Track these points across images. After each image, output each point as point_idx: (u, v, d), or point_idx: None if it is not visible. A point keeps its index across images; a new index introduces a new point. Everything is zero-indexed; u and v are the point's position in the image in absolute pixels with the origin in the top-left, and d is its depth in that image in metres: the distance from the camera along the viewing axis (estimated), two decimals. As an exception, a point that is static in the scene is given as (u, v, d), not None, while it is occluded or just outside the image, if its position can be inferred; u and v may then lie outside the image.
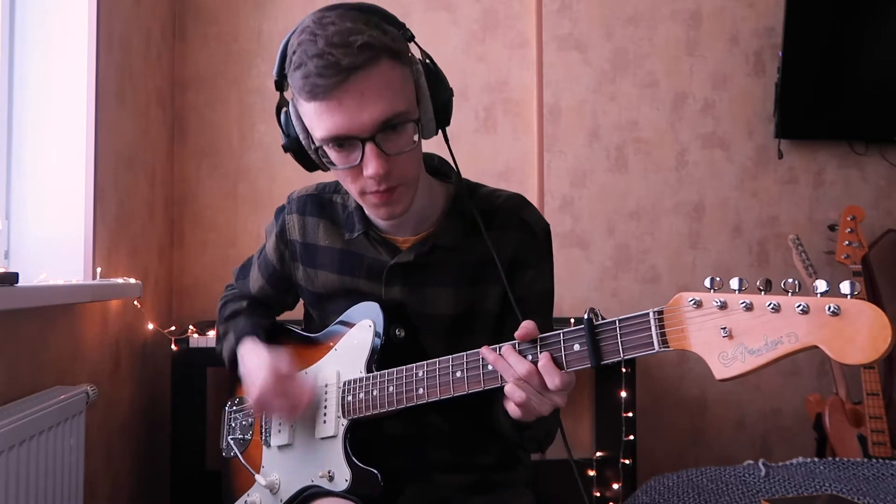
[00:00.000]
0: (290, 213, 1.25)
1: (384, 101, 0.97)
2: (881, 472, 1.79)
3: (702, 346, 0.81)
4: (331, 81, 0.95)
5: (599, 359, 0.89)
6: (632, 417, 2.31)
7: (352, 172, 1.02)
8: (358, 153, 0.99)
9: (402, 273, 1.15)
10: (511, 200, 1.19)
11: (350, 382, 1.13)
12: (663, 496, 1.73)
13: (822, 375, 2.72)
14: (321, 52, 0.94)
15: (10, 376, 1.46)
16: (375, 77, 0.96)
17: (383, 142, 0.99)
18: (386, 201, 1.04)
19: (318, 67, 0.94)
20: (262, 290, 1.34)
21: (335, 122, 0.97)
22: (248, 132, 2.62)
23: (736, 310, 0.79)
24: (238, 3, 2.63)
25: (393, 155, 1.00)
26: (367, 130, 0.97)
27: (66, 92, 1.83)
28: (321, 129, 0.99)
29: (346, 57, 0.94)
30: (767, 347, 0.77)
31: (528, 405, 0.95)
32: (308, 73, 0.95)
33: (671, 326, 0.83)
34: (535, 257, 1.18)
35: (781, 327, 0.76)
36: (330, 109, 0.97)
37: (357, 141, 0.98)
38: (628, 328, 0.87)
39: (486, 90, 2.68)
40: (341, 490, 1.10)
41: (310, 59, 0.95)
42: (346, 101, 0.96)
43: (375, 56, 0.96)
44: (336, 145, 1.00)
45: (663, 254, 2.72)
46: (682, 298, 0.83)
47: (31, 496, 1.38)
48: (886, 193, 2.78)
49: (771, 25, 2.73)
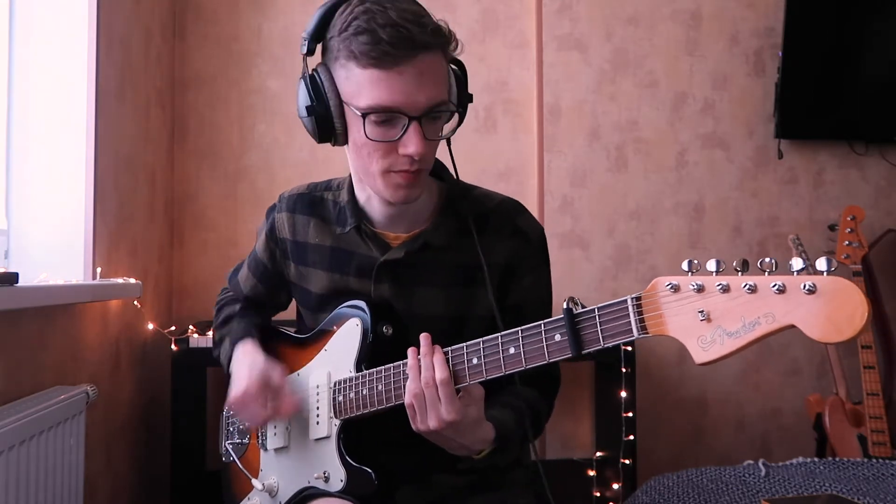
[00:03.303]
0: (280, 211, 1.25)
1: (438, 86, 1.02)
2: (881, 472, 1.79)
3: (680, 330, 0.79)
4: (401, 52, 0.97)
5: (580, 348, 0.88)
6: (632, 417, 2.31)
7: (384, 148, 1.02)
8: (398, 129, 1.01)
9: (392, 271, 1.15)
10: (505, 205, 1.19)
11: (340, 382, 1.13)
12: (663, 496, 1.73)
13: (822, 375, 2.72)
14: (395, 23, 0.97)
15: (10, 376, 1.46)
16: (437, 62, 1.01)
17: (426, 125, 1.01)
18: (410, 182, 1.05)
19: (391, 36, 0.96)
20: (254, 290, 1.35)
21: (392, 94, 0.99)
22: (248, 132, 2.62)
23: (713, 292, 0.77)
24: (238, 2, 2.62)
25: (430, 139, 1.03)
26: (418, 109, 1.00)
27: (67, 92, 1.83)
28: (372, 98, 0.99)
29: (420, 34, 0.98)
30: (745, 329, 0.75)
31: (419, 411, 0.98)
32: (378, 40, 0.96)
33: (649, 312, 0.82)
34: (532, 264, 1.18)
35: (758, 308, 0.75)
36: (390, 79, 0.98)
37: (403, 117, 1.00)
38: (607, 316, 0.86)
39: (486, 90, 2.68)
40: (337, 490, 1.10)
41: (381, 28, 0.96)
42: (406, 76, 0.98)
43: (443, 43, 1.01)
44: (381, 117, 1.01)
45: (663, 254, 2.72)
46: (658, 283, 0.81)
47: (31, 496, 1.38)
48: (886, 193, 2.78)
49: (771, 25, 2.73)
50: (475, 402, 0.99)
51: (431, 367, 0.97)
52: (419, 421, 0.99)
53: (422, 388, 0.97)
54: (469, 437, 1.00)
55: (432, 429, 0.97)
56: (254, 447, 1.29)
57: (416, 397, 0.98)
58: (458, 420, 0.96)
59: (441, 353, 0.99)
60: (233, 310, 1.36)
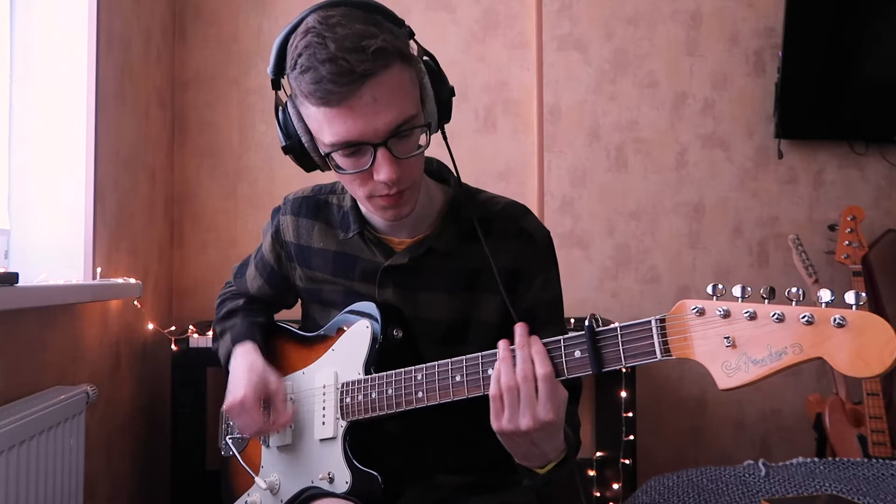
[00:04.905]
0: (285, 214, 1.24)
1: (396, 106, 0.96)
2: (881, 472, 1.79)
3: (705, 355, 0.79)
4: (345, 89, 0.92)
5: (601, 366, 0.88)
6: (632, 417, 2.31)
7: (360, 177, 1.01)
8: (368, 158, 0.98)
9: (396, 276, 1.14)
10: (510, 208, 1.18)
11: (348, 384, 1.12)
12: (663, 496, 1.73)
13: (822, 375, 2.71)
14: (333, 57, 0.91)
15: (10, 376, 1.46)
16: (388, 82, 0.94)
17: (394, 146, 0.98)
18: (395, 204, 1.03)
19: (331, 73, 0.91)
20: (261, 290, 1.34)
21: (347, 128, 0.95)
22: (248, 132, 2.62)
23: (739, 319, 0.77)
24: (238, 2, 2.62)
25: (403, 159, 0.99)
26: (380, 136, 0.96)
27: (67, 92, 1.83)
28: (331, 135, 0.97)
29: (360, 63, 0.91)
30: (771, 358, 0.76)
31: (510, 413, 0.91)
32: (320, 79, 0.92)
33: (674, 335, 0.82)
34: (540, 266, 1.16)
35: (786, 338, 0.75)
36: (342, 115, 0.94)
37: (368, 146, 0.97)
38: (630, 336, 0.86)
39: (486, 90, 2.68)
40: (342, 492, 1.10)
41: (321, 64, 0.92)
42: (358, 108, 0.94)
43: (389, 61, 0.94)
44: (346, 151, 0.98)
45: (663, 254, 2.72)
46: (684, 306, 0.81)
47: (31, 496, 1.38)
48: (886, 193, 2.78)
49: (771, 25, 2.73)
50: (564, 403, 0.93)
51: (530, 359, 0.91)
52: (507, 419, 0.91)
53: (517, 383, 0.90)
54: (550, 444, 0.94)
55: (523, 429, 0.90)
56: (255, 443, 1.28)
57: (509, 391, 0.90)
58: (554, 421, 0.90)
59: (541, 344, 0.92)
60: (236, 304, 1.35)
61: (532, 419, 0.89)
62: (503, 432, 0.93)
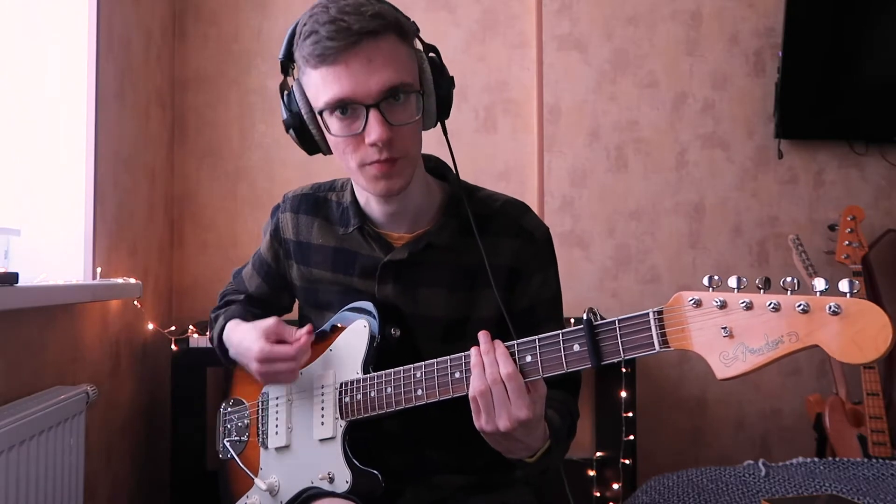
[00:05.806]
0: (285, 211, 1.25)
1: (391, 69, 0.99)
2: (881, 472, 1.79)
3: (703, 346, 0.80)
4: (341, 44, 0.97)
5: (600, 359, 0.88)
6: (632, 417, 2.31)
7: (353, 141, 1.02)
8: (361, 121, 1.00)
9: (395, 271, 1.15)
10: (509, 205, 1.18)
11: (347, 384, 1.12)
12: (663, 496, 1.73)
13: (822, 375, 2.71)
14: (333, 19, 0.97)
15: (10, 376, 1.46)
16: (384, 46, 0.99)
17: (387, 110, 1.00)
18: (386, 173, 1.03)
19: (329, 31, 0.96)
20: (259, 289, 1.35)
21: (342, 86, 0.98)
22: (248, 132, 2.62)
23: (736, 309, 0.78)
24: (238, 2, 2.62)
25: (396, 125, 1.01)
26: (372, 96, 0.99)
27: (67, 92, 1.83)
28: (327, 94, 1.00)
29: (357, 22, 0.96)
30: (768, 347, 0.77)
31: (487, 412, 0.94)
32: (319, 39, 0.97)
33: (671, 326, 0.83)
34: (539, 264, 1.17)
35: (782, 326, 0.76)
36: (337, 73, 0.98)
37: (361, 108, 0.99)
38: (628, 328, 0.87)
39: (486, 90, 2.68)
40: (342, 492, 1.10)
41: (321, 26, 0.97)
42: (353, 66, 0.98)
43: (386, 26, 0.99)
44: (340, 112, 1.01)
45: (663, 254, 2.72)
46: (681, 298, 0.82)
47: (31, 496, 1.38)
48: (886, 193, 2.78)
49: (771, 25, 2.73)
50: (541, 399, 0.95)
51: (496, 363, 0.94)
52: (485, 421, 0.94)
53: (488, 386, 0.93)
54: (531, 437, 0.96)
55: (502, 429, 0.93)
56: (253, 445, 1.28)
57: (482, 396, 0.94)
58: (531, 417, 0.92)
59: (503, 347, 0.95)
60: (236, 298, 1.37)
61: (508, 419, 0.93)
62: (485, 433, 0.96)
